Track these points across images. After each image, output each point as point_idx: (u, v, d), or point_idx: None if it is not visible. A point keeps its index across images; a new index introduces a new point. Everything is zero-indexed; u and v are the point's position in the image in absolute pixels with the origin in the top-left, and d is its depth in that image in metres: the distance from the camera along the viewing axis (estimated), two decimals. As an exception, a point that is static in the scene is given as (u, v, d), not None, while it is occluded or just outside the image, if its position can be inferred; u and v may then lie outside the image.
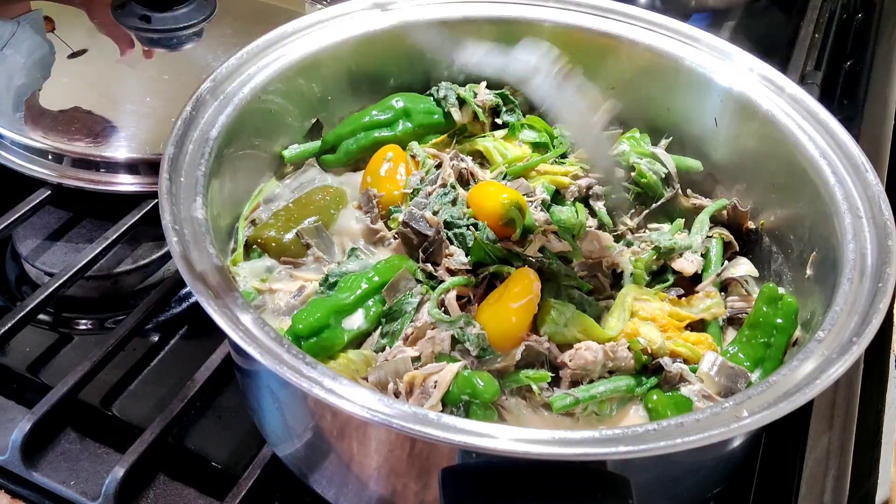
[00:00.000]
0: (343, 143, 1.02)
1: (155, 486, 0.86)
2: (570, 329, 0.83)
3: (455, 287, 0.86)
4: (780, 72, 0.98)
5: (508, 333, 0.82)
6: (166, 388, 0.93)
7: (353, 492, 0.79)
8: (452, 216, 0.90)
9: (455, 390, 0.76)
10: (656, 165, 1.00)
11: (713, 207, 0.99)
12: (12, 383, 0.96)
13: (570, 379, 0.81)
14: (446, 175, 0.97)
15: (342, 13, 1.02)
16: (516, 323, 0.82)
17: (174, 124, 0.84)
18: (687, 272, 0.93)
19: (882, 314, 0.72)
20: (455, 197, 0.94)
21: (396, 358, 0.80)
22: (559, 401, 0.79)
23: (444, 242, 0.89)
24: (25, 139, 1.10)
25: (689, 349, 0.85)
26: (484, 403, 0.76)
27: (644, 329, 0.85)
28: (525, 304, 0.82)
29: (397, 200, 0.97)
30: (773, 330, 0.85)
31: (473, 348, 0.80)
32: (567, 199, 1.00)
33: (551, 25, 1.06)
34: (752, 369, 0.83)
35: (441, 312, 0.83)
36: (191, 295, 1.09)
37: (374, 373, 0.79)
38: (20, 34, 1.25)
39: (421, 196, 0.95)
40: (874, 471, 0.86)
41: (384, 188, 0.97)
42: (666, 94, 1.05)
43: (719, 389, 0.81)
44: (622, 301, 0.88)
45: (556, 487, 0.64)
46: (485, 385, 0.76)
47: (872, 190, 0.84)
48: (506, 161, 1.01)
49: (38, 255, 1.10)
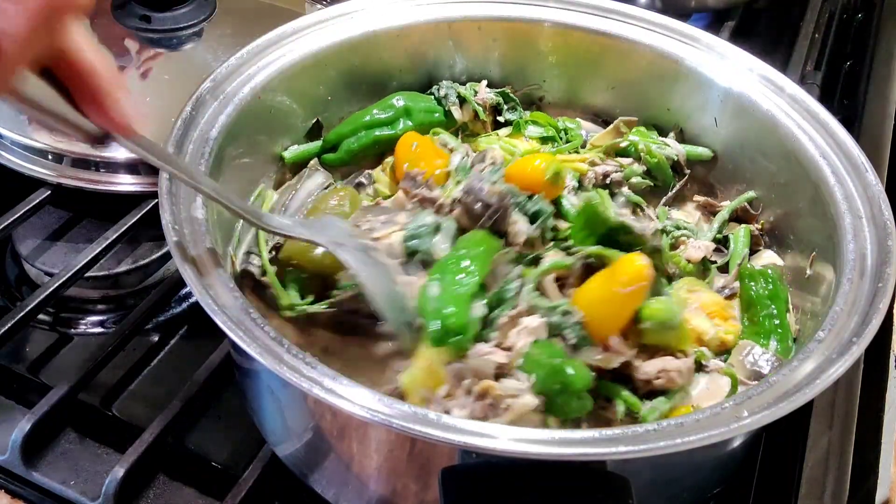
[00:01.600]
0: (344, 141, 1.02)
1: (155, 486, 0.86)
2: (672, 335, 0.80)
3: (555, 269, 0.83)
4: (780, 72, 0.98)
5: (611, 322, 0.78)
6: (166, 388, 0.93)
7: (353, 492, 0.79)
8: (510, 188, 0.89)
9: (547, 380, 0.73)
10: (666, 149, 1.01)
11: (738, 201, 0.99)
12: (12, 383, 0.96)
13: (647, 389, 0.80)
14: (496, 153, 0.96)
15: (342, 13, 1.02)
16: (622, 311, 0.78)
17: (174, 124, 0.84)
18: (694, 259, 0.93)
19: (882, 314, 0.72)
20: (504, 174, 0.93)
21: (485, 358, 0.76)
22: (651, 415, 0.77)
23: (510, 210, 0.87)
24: (25, 139, 1.10)
25: (735, 334, 0.86)
26: (576, 392, 0.73)
27: (696, 321, 0.85)
28: (635, 291, 0.77)
29: (442, 179, 0.95)
30: (768, 301, 0.87)
31: (573, 337, 0.77)
32: (587, 186, 1.00)
33: (551, 25, 1.06)
34: (767, 344, 0.84)
35: (539, 296, 0.81)
36: (191, 295, 1.09)
37: (458, 363, 0.76)
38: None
39: (475, 171, 0.93)
40: (874, 471, 0.86)
41: (429, 166, 0.96)
42: (666, 94, 1.05)
43: (748, 374, 0.82)
44: (677, 296, 0.87)
45: (556, 487, 0.63)
46: (575, 374, 0.72)
47: (872, 190, 0.84)
48: (517, 157, 1.01)
49: (38, 255, 1.09)
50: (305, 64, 0.98)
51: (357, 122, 1.03)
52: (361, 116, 1.03)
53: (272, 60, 0.95)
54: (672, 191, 1.02)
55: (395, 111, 1.03)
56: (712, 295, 0.89)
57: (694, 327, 0.85)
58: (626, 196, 1.00)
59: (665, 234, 0.95)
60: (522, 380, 0.75)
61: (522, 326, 0.78)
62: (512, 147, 1.03)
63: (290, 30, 0.98)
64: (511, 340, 0.78)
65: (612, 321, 0.79)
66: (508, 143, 1.04)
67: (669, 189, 1.02)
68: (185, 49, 1.28)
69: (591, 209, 0.85)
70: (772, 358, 0.82)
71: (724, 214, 0.98)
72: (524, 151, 1.02)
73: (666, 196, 1.02)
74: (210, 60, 1.24)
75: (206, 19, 1.31)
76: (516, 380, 0.75)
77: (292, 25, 0.98)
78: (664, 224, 0.97)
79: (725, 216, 0.98)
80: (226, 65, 0.92)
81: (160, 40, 1.28)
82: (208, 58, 1.25)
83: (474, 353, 0.77)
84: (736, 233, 0.96)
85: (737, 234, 0.96)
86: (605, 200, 0.96)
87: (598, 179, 1.00)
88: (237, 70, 0.92)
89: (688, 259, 0.93)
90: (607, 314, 0.79)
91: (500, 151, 0.98)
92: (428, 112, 1.05)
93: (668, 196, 1.02)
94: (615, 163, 1.01)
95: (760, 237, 0.97)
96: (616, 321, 0.79)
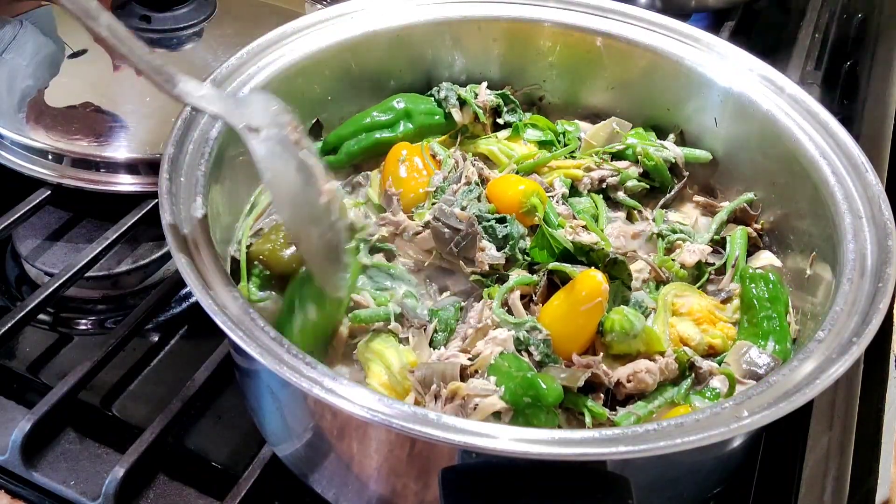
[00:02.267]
0: (345, 143, 1.02)
1: (155, 486, 0.86)
2: (636, 342, 0.82)
3: (519, 286, 0.85)
4: (780, 72, 0.98)
5: (574, 339, 0.81)
6: (166, 388, 0.93)
7: (353, 492, 0.79)
8: (480, 210, 0.90)
9: (518, 392, 0.74)
10: (664, 152, 1.01)
11: (737, 202, 0.99)
12: (12, 383, 0.96)
13: (624, 395, 0.81)
14: (469, 173, 0.96)
15: (342, 13, 1.02)
16: (585, 327, 0.81)
17: (174, 124, 0.83)
18: (688, 263, 0.93)
19: (882, 314, 0.72)
20: (480, 194, 0.94)
21: (448, 361, 0.78)
22: (624, 420, 0.78)
23: (478, 236, 0.87)
24: (25, 139, 1.10)
25: (723, 339, 0.86)
26: (546, 407, 0.74)
27: (681, 326, 0.85)
28: (593, 307, 0.80)
29: (421, 199, 0.96)
30: (767, 303, 0.87)
31: (538, 354, 0.79)
32: (582, 192, 1.00)
33: (551, 25, 1.06)
34: (765, 345, 0.84)
35: (505, 312, 0.82)
36: (190, 295, 1.09)
37: (422, 369, 0.78)
38: (22, 35, 1.25)
39: (448, 193, 0.94)
40: (874, 471, 0.86)
41: (407, 186, 0.96)
42: (666, 94, 1.05)
43: (744, 374, 0.82)
44: (663, 301, 0.87)
45: (556, 487, 0.63)
46: (548, 389, 0.73)
47: (872, 190, 0.84)
48: (514, 160, 1.01)
49: (38, 255, 1.10)
50: (305, 64, 0.98)
51: (357, 124, 1.02)
52: (361, 118, 1.03)
53: (272, 60, 0.95)
54: (670, 193, 1.02)
55: (395, 113, 1.03)
56: (700, 299, 0.89)
57: (679, 333, 0.85)
58: (623, 202, 1.00)
59: (661, 238, 0.96)
60: (491, 381, 0.76)
61: (491, 336, 0.80)
62: (510, 150, 1.03)
63: (290, 30, 0.98)
64: (477, 349, 0.80)
65: (575, 338, 0.81)
66: (507, 146, 1.04)
67: (668, 191, 1.02)
68: (185, 49, 1.28)
69: (541, 232, 0.87)
70: (769, 359, 0.82)
71: (722, 215, 0.98)
72: (521, 156, 1.02)
73: (664, 198, 1.02)
74: (210, 60, 1.24)
75: (206, 19, 1.31)
76: (484, 380, 0.76)
77: (292, 25, 0.98)
78: (660, 228, 0.97)
79: (724, 217, 0.98)
80: (226, 65, 0.92)
81: (160, 40, 1.28)
82: (208, 58, 1.25)
83: (437, 357, 0.79)
84: (733, 235, 0.96)
85: (734, 236, 0.96)
86: (599, 206, 0.98)
87: (594, 184, 1.00)
88: (237, 70, 0.92)
89: (682, 264, 0.93)
90: (570, 331, 0.81)
91: (475, 171, 0.97)
92: (428, 114, 1.04)
93: (665, 198, 1.02)
94: (610, 167, 1.01)
95: (759, 238, 0.97)
96: (578, 338, 0.81)
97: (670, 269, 0.92)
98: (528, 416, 0.74)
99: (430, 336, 0.84)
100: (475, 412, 0.74)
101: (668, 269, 0.92)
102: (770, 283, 0.89)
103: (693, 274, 0.94)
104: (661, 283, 0.92)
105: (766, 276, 0.89)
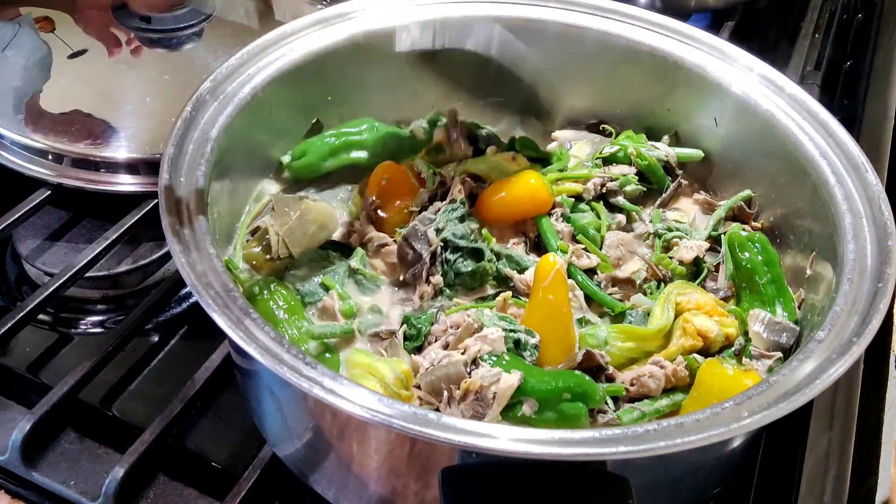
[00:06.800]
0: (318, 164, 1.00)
1: (155, 486, 0.86)
2: (614, 344, 0.83)
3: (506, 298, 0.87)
4: (780, 72, 0.98)
5: (559, 343, 0.82)
6: (166, 388, 0.93)
7: (353, 492, 0.79)
8: (455, 234, 0.90)
9: (558, 386, 0.75)
10: (656, 151, 1.02)
11: (734, 199, 0.99)
12: (12, 383, 0.96)
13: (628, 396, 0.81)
14: (456, 190, 0.97)
15: (342, 13, 1.02)
16: (565, 327, 0.83)
17: (174, 124, 0.84)
18: (686, 260, 0.93)
19: (882, 314, 0.72)
20: (463, 214, 0.94)
21: (448, 363, 0.78)
22: (627, 415, 0.79)
23: (436, 266, 0.89)
24: (25, 139, 1.10)
25: (736, 327, 0.86)
26: (595, 403, 0.75)
27: (697, 321, 0.85)
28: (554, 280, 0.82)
29: (406, 219, 0.96)
30: (763, 267, 0.88)
31: (530, 359, 0.80)
32: (585, 198, 1.00)
33: (551, 25, 1.06)
34: (774, 311, 0.86)
35: (502, 318, 0.84)
36: (191, 295, 1.09)
37: (426, 377, 0.78)
38: (22, 35, 1.25)
39: (430, 212, 0.94)
40: (874, 471, 0.86)
41: (391, 209, 0.96)
42: (666, 94, 1.05)
43: (768, 346, 0.83)
44: (665, 298, 0.87)
45: (556, 487, 0.63)
46: (594, 389, 0.75)
47: (872, 190, 0.84)
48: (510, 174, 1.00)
49: (38, 255, 1.09)
50: (305, 64, 0.97)
51: (330, 145, 1.01)
52: (336, 137, 1.01)
53: (272, 60, 0.95)
54: (666, 192, 1.02)
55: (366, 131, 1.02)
56: (704, 295, 0.89)
57: (697, 327, 0.84)
58: (623, 207, 1.00)
59: (658, 237, 0.96)
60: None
61: (482, 335, 0.80)
62: (504, 167, 1.01)
63: (290, 30, 0.98)
64: (465, 345, 0.80)
65: (559, 341, 0.82)
66: (498, 163, 1.02)
67: (664, 191, 1.02)
68: (185, 49, 1.28)
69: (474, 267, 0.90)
70: (786, 324, 0.83)
71: (720, 213, 0.98)
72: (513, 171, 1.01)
73: (660, 198, 1.02)
74: (210, 60, 1.24)
75: (206, 19, 1.32)
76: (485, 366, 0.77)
77: (292, 25, 0.98)
78: (656, 227, 0.97)
79: (722, 214, 0.98)
80: (226, 65, 0.92)
81: (160, 40, 1.28)
82: (208, 58, 1.25)
83: (430, 363, 0.79)
84: (728, 234, 0.96)
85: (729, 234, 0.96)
86: (602, 216, 0.98)
87: (596, 189, 1.00)
88: (237, 70, 0.92)
89: (680, 260, 0.93)
90: (555, 334, 0.82)
91: (461, 188, 0.97)
92: (396, 136, 1.04)
93: (662, 198, 1.02)
94: (606, 174, 1.01)
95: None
96: (563, 341, 0.82)
97: (668, 266, 0.92)
98: (561, 411, 0.74)
99: (402, 342, 0.84)
100: (495, 401, 0.74)
101: (666, 267, 0.92)
102: (757, 243, 0.90)
103: (692, 271, 0.94)
104: (661, 282, 0.92)
105: (752, 238, 0.91)
